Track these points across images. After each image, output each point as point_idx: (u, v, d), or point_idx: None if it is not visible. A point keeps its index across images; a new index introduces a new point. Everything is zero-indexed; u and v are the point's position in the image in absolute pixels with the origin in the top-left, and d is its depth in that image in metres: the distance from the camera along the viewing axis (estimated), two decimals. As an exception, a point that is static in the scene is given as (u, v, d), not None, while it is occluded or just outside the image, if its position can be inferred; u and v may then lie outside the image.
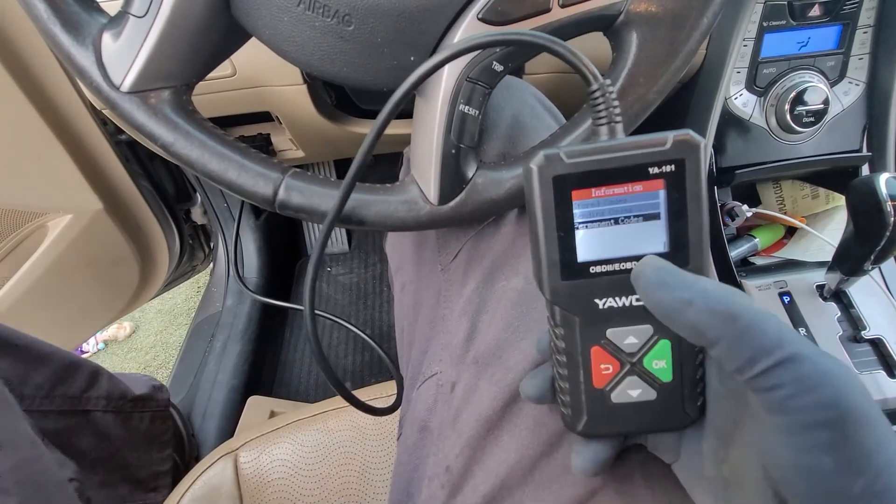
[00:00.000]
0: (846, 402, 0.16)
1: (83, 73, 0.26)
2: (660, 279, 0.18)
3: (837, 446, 0.16)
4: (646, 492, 0.23)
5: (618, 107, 0.20)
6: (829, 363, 0.16)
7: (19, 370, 0.44)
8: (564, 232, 0.19)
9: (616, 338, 0.20)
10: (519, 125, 0.34)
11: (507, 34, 0.21)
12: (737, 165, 0.53)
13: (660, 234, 0.19)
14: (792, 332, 0.17)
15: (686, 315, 0.18)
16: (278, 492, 0.41)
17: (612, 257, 0.19)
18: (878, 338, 0.47)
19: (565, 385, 0.21)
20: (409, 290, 0.42)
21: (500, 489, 0.25)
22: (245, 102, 0.52)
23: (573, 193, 0.19)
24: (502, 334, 0.29)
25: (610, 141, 0.19)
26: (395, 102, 0.23)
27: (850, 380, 0.16)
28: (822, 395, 0.16)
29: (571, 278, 0.19)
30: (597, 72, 0.20)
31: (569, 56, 0.20)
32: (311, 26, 0.26)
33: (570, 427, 0.22)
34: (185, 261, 0.91)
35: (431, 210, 0.29)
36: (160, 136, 0.27)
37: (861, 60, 0.51)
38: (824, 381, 0.16)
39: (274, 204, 0.28)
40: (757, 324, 0.17)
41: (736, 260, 0.55)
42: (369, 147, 0.25)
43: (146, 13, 0.25)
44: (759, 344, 0.16)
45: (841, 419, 0.16)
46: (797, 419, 0.16)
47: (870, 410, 0.16)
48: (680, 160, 0.18)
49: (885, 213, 0.40)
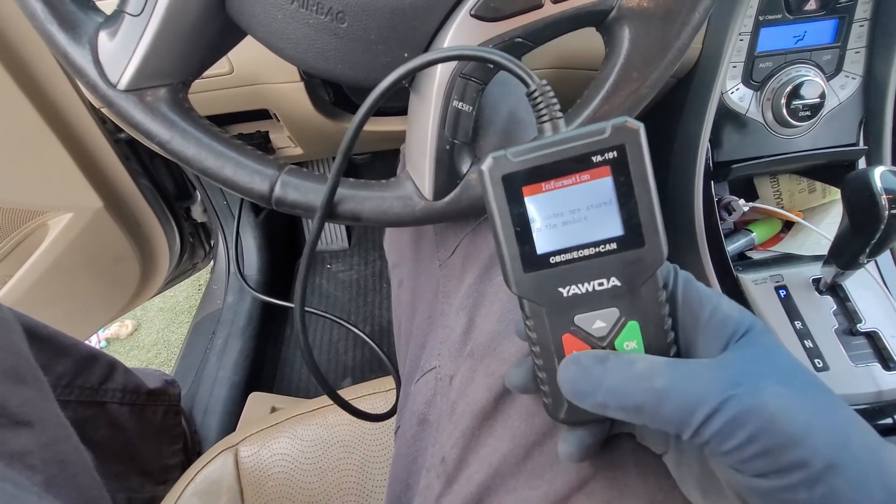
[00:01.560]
0: (766, 434, 0.17)
1: (80, 71, 0.26)
2: (575, 390, 0.20)
3: (772, 470, 0.17)
4: (638, 479, 0.24)
5: (556, 104, 0.21)
6: (742, 403, 0.17)
7: (43, 359, 0.45)
8: (521, 227, 0.20)
9: (584, 323, 0.21)
10: (515, 120, 0.34)
11: (453, 50, 0.23)
12: (733, 160, 0.53)
13: (612, 219, 0.19)
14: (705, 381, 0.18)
15: (609, 414, 0.19)
16: (278, 485, 0.41)
17: (570, 246, 0.20)
18: (874, 331, 0.47)
19: (543, 375, 0.22)
20: (406, 285, 0.43)
21: (494, 478, 0.26)
22: (243, 100, 0.52)
23: (523, 189, 0.19)
24: (497, 327, 0.29)
25: (553, 136, 0.19)
26: (372, 103, 0.24)
27: (764, 409, 0.17)
28: (740, 438, 0.17)
29: (533, 270, 0.20)
30: (533, 74, 0.21)
31: (506, 64, 0.21)
32: (305, 24, 0.26)
33: (553, 415, 0.22)
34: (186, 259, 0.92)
35: (426, 205, 0.29)
36: (157, 133, 0.27)
37: (857, 54, 0.51)
38: (742, 423, 0.17)
39: (270, 200, 0.29)
40: (666, 403, 0.18)
41: (733, 254, 0.55)
42: (350, 141, 0.25)
43: (142, 11, 0.25)
44: (675, 419, 0.18)
45: (765, 450, 0.17)
46: (731, 459, 0.17)
47: (795, 427, 0.17)
48: (620, 146, 0.19)
49: (880, 207, 0.40)
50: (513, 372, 0.24)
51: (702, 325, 0.20)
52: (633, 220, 0.19)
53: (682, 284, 0.21)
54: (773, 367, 0.19)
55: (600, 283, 0.20)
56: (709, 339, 0.20)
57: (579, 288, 0.20)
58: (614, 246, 0.20)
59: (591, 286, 0.20)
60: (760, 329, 0.20)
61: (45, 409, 0.30)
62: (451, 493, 0.27)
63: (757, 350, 0.19)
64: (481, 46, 0.24)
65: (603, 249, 0.20)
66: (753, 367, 0.18)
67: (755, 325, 0.20)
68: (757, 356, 0.19)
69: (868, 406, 0.45)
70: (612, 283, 0.20)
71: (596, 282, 0.20)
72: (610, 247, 0.20)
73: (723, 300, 0.21)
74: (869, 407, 0.46)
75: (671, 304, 0.21)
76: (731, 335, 0.19)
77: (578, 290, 0.20)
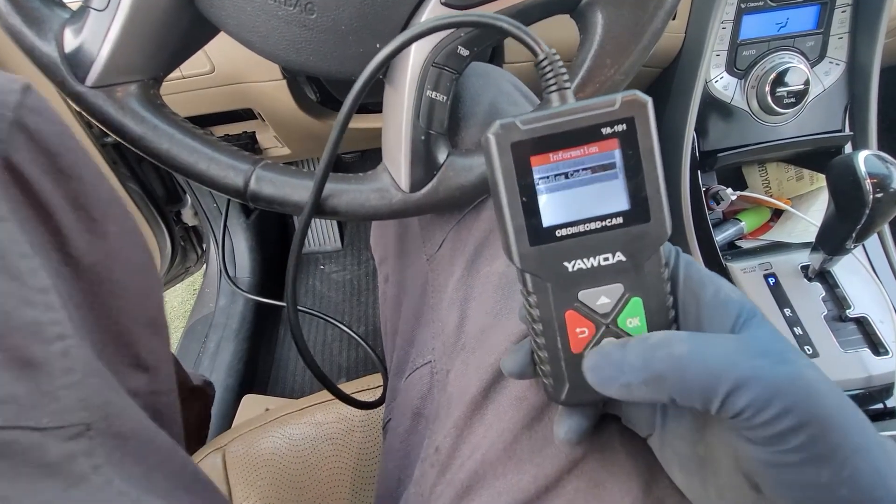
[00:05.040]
0: (802, 407, 0.16)
1: (47, 68, 0.26)
2: (601, 378, 0.19)
3: (802, 446, 0.16)
4: (628, 459, 0.24)
5: (565, 74, 0.20)
6: (777, 372, 0.17)
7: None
8: (527, 198, 0.19)
9: (588, 299, 0.20)
10: (497, 112, 0.34)
11: (457, 16, 0.21)
12: (719, 149, 0.53)
13: (619, 193, 0.19)
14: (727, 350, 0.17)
15: (634, 395, 0.19)
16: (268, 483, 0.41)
17: (577, 219, 0.19)
18: (863, 316, 0.47)
19: (544, 354, 0.21)
20: (392, 281, 0.42)
21: (483, 464, 0.26)
22: (225, 100, 0.52)
23: (532, 159, 0.19)
24: (486, 319, 0.29)
25: (562, 106, 0.19)
26: (360, 88, 0.23)
27: (802, 380, 0.16)
28: (775, 410, 0.16)
29: (539, 243, 0.20)
30: (543, 43, 0.20)
31: (513, 30, 0.20)
32: (274, 15, 0.26)
33: (554, 398, 0.22)
34: (178, 263, 0.91)
35: (403, 197, 0.29)
36: (128, 130, 0.27)
37: (840, 40, 0.51)
38: (777, 394, 0.16)
39: (245, 195, 0.28)
40: (689, 369, 0.17)
41: (722, 244, 0.55)
42: (338, 136, 0.25)
43: (106, 6, 0.25)
44: (699, 387, 0.17)
45: (800, 424, 0.16)
46: (758, 434, 0.17)
47: (829, 403, 0.16)
48: (630, 118, 0.18)
49: (865, 191, 0.40)
50: (509, 358, 0.23)
51: (704, 305, 0.20)
52: (640, 195, 0.19)
53: (683, 264, 0.21)
54: (792, 347, 0.18)
55: (605, 257, 0.20)
56: (712, 320, 0.20)
57: (584, 263, 0.20)
58: (620, 220, 0.19)
59: (598, 261, 0.20)
60: (762, 316, 0.20)
61: (163, 362, 0.31)
62: (444, 482, 0.27)
63: (769, 332, 0.19)
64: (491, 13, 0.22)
65: (609, 224, 0.19)
66: (774, 346, 0.18)
67: (757, 312, 0.20)
68: (772, 337, 0.18)
69: (859, 391, 0.45)
70: (616, 258, 0.20)
71: (601, 256, 0.20)
72: (616, 221, 0.19)
73: (724, 283, 0.20)
74: (860, 392, 0.45)
75: (672, 284, 0.21)
76: (735, 317, 0.19)
77: (584, 265, 0.20)
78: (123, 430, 0.21)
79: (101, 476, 0.20)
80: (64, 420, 0.19)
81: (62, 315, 0.21)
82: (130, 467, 0.21)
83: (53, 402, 0.19)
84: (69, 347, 0.20)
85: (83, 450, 0.19)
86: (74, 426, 0.19)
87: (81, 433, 0.19)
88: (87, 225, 0.25)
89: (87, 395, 0.20)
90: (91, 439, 0.20)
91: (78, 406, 0.20)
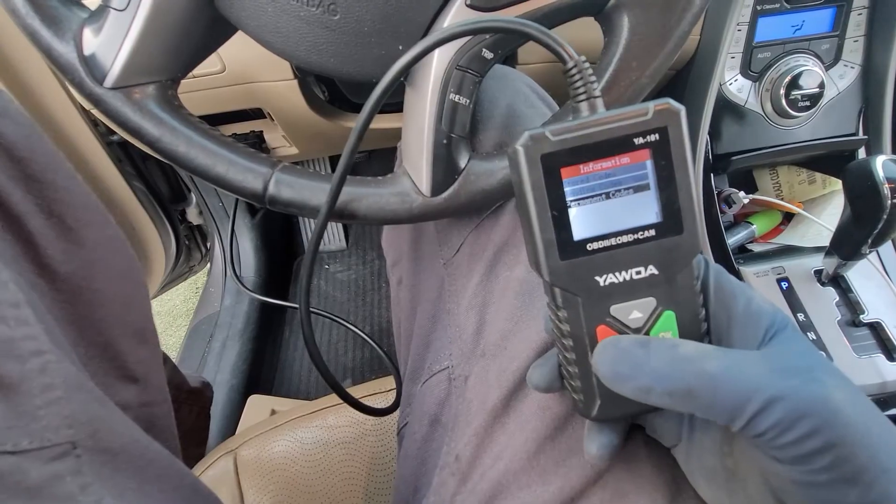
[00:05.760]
0: (829, 428, 0.16)
1: (65, 68, 0.25)
2: (615, 373, 0.19)
3: (829, 466, 0.16)
4: (654, 470, 0.23)
5: (595, 82, 0.20)
6: (804, 392, 0.16)
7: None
8: (558, 211, 0.19)
9: (620, 314, 0.20)
10: (514, 114, 0.34)
11: (481, 22, 0.21)
12: (732, 152, 0.53)
13: (651, 205, 0.19)
14: (759, 370, 0.17)
15: (651, 400, 0.18)
16: (280, 487, 0.41)
17: (608, 232, 0.19)
18: (877, 321, 0.47)
19: (574, 370, 0.21)
20: (406, 284, 0.42)
21: (506, 474, 0.25)
22: (236, 99, 0.51)
23: (562, 171, 0.18)
24: (506, 325, 0.29)
25: (592, 116, 0.19)
26: (382, 91, 0.23)
27: (830, 400, 0.16)
28: (802, 430, 0.16)
29: (570, 257, 0.19)
30: (572, 50, 0.20)
31: (540, 36, 0.20)
32: (296, 16, 0.25)
33: (585, 413, 0.21)
34: (182, 262, 0.91)
35: (424, 202, 0.28)
36: (146, 132, 0.26)
37: (856, 43, 0.51)
38: (804, 415, 0.16)
39: (264, 199, 0.28)
40: (721, 387, 0.17)
41: (733, 247, 0.55)
42: (357, 138, 0.25)
43: (126, 6, 0.24)
44: (728, 405, 0.17)
45: (826, 445, 0.16)
46: (785, 453, 0.16)
47: (857, 423, 0.16)
48: (663, 128, 0.18)
49: (883, 196, 0.39)
50: (535, 371, 0.23)
51: (735, 316, 0.20)
52: (673, 206, 0.19)
53: (713, 275, 0.21)
54: (822, 364, 0.18)
55: (638, 271, 0.19)
56: (744, 331, 0.19)
57: (616, 276, 0.19)
58: (653, 233, 0.19)
59: (630, 274, 0.19)
60: (794, 326, 0.19)
61: (153, 372, 0.31)
62: (466, 491, 0.27)
63: (801, 346, 0.18)
64: (517, 18, 0.22)
65: (641, 236, 0.19)
66: (804, 362, 0.18)
67: (788, 322, 0.19)
68: (803, 351, 0.18)
69: (873, 397, 0.45)
70: (649, 271, 0.19)
71: (634, 270, 0.19)
72: (648, 233, 0.19)
73: (755, 293, 0.20)
74: (874, 398, 0.45)
75: (703, 295, 0.20)
76: (766, 329, 0.19)
77: (616, 279, 0.19)
78: (113, 445, 0.20)
79: (91, 495, 0.19)
80: (46, 440, 0.18)
81: (38, 329, 0.19)
82: (123, 483, 0.20)
83: (33, 421, 0.18)
84: (47, 363, 0.19)
85: (69, 469, 0.18)
86: (59, 445, 0.18)
87: (67, 452, 0.18)
88: (62, 233, 0.24)
89: (71, 412, 0.19)
90: (78, 457, 0.19)
91: (62, 424, 0.19)
